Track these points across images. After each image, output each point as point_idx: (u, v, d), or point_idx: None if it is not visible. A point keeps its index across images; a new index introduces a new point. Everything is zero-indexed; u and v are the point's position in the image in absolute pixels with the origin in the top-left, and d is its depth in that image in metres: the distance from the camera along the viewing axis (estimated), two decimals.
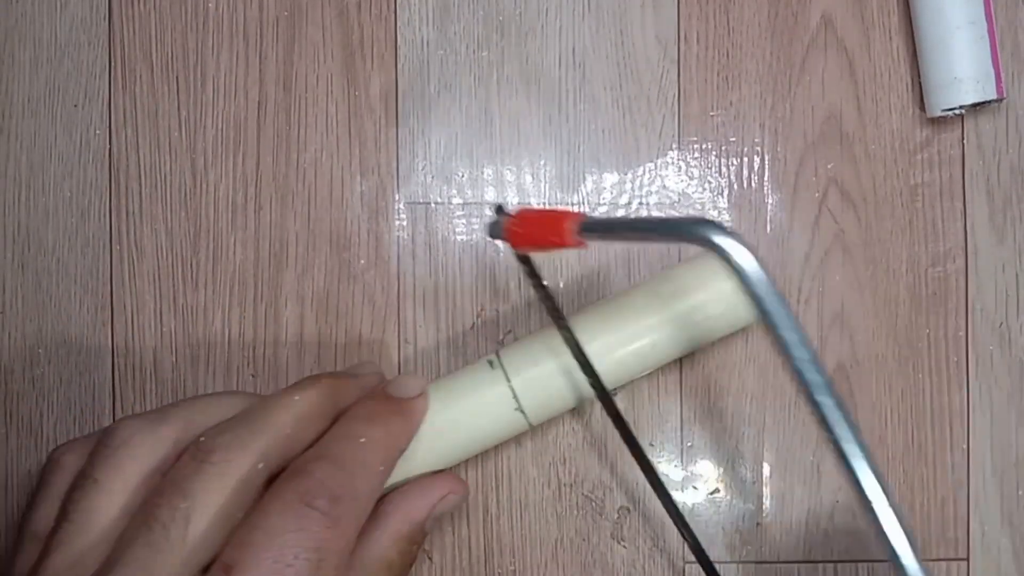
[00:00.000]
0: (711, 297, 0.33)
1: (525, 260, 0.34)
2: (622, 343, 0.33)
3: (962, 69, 0.36)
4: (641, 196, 0.39)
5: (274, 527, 0.26)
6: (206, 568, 0.26)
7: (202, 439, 0.27)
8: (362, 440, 0.29)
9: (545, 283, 0.34)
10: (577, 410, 0.38)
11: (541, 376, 0.33)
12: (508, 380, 0.33)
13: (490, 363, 0.33)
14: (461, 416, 0.32)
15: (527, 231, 0.29)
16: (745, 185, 0.39)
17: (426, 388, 0.32)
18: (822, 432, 0.22)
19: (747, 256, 0.22)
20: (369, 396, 0.31)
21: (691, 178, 0.39)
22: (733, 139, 0.39)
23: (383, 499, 0.31)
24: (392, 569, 0.30)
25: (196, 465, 0.27)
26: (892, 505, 0.22)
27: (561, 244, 0.27)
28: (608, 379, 0.33)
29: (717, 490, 0.38)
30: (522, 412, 0.33)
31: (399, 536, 0.30)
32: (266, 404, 0.29)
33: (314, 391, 0.30)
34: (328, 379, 0.31)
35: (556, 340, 0.33)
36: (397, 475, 0.32)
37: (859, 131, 0.39)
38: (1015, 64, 0.39)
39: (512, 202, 0.38)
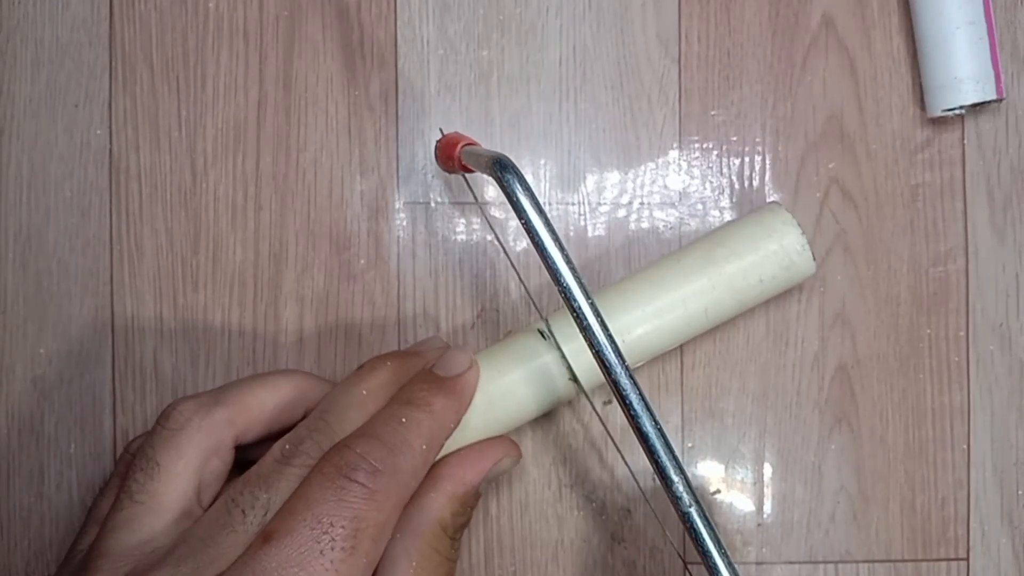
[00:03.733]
0: (763, 259, 0.33)
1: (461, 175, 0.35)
2: (667, 309, 0.33)
3: (962, 69, 0.36)
4: (642, 196, 0.39)
5: (314, 497, 0.27)
6: None
7: (286, 446, 0.29)
8: (403, 420, 0.29)
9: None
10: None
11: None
12: (559, 348, 0.33)
13: (540, 333, 0.33)
14: (514, 385, 0.32)
15: (444, 152, 0.33)
16: (746, 184, 0.39)
17: (475, 362, 0.32)
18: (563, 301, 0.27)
19: (523, 189, 0.27)
20: (416, 376, 0.32)
21: (692, 177, 0.39)
22: (734, 138, 0.39)
23: (438, 463, 0.32)
24: (447, 530, 0.31)
25: (278, 467, 0.28)
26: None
27: (456, 166, 0.32)
28: (650, 348, 0.33)
29: (718, 491, 0.38)
30: (574, 380, 0.33)
31: (453, 498, 0.31)
32: (338, 403, 0.30)
33: (379, 381, 0.31)
34: (393, 362, 0.31)
35: (607, 308, 0.33)
36: (451, 443, 0.32)
37: (860, 131, 0.39)
38: (1015, 64, 0.39)
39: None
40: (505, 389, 0.33)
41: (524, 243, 0.39)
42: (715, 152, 0.39)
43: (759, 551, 0.38)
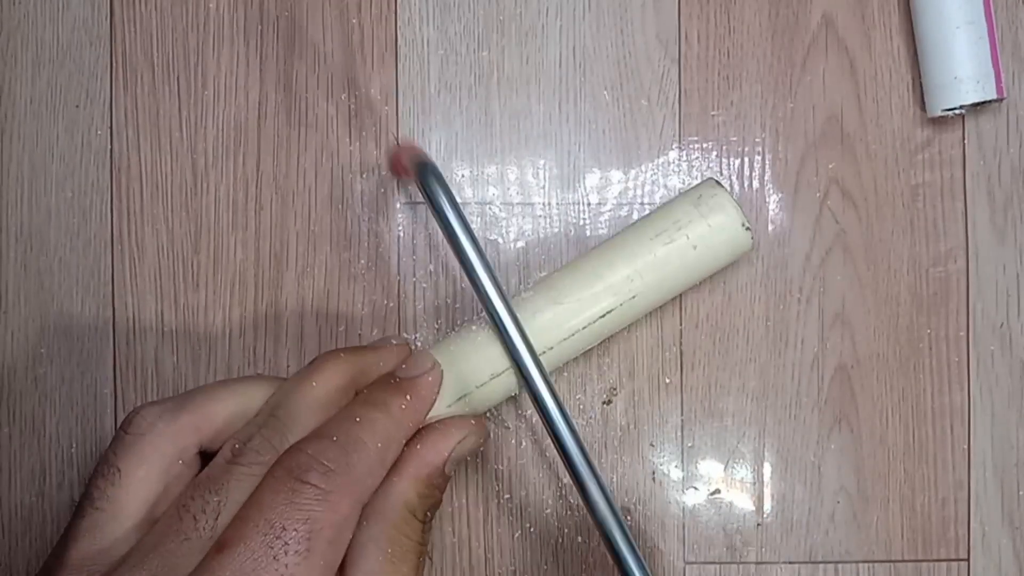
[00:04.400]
0: (703, 232, 0.33)
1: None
2: (598, 299, 0.33)
3: (962, 69, 0.36)
4: (642, 196, 0.39)
5: (266, 502, 0.26)
6: None
7: (235, 444, 0.28)
8: (357, 419, 0.29)
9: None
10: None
11: (527, 316, 0.32)
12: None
13: (480, 314, 0.33)
14: (454, 366, 0.32)
15: (396, 161, 0.35)
16: (746, 185, 0.39)
17: (437, 363, 0.32)
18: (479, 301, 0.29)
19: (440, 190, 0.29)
20: (377, 379, 0.31)
21: (692, 177, 0.39)
22: (734, 139, 0.39)
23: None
24: (415, 513, 0.30)
25: (228, 467, 0.28)
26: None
27: (405, 174, 0.33)
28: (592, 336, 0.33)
29: (718, 490, 0.38)
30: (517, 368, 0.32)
31: (417, 479, 0.30)
32: (287, 400, 0.30)
33: (331, 374, 0.30)
34: (346, 355, 0.31)
35: (544, 281, 0.33)
36: None
37: (860, 131, 0.39)
38: (1015, 64, 0.39)
39: (512, 202, 0.38)
40: (457, 378, 0.32)
41: (523, 243, 0.39)
42: (715, 152, 0.39)
43: (759, 551, 0.38)
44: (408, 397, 0.30)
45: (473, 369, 0.32)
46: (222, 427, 0.30)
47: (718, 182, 0.34)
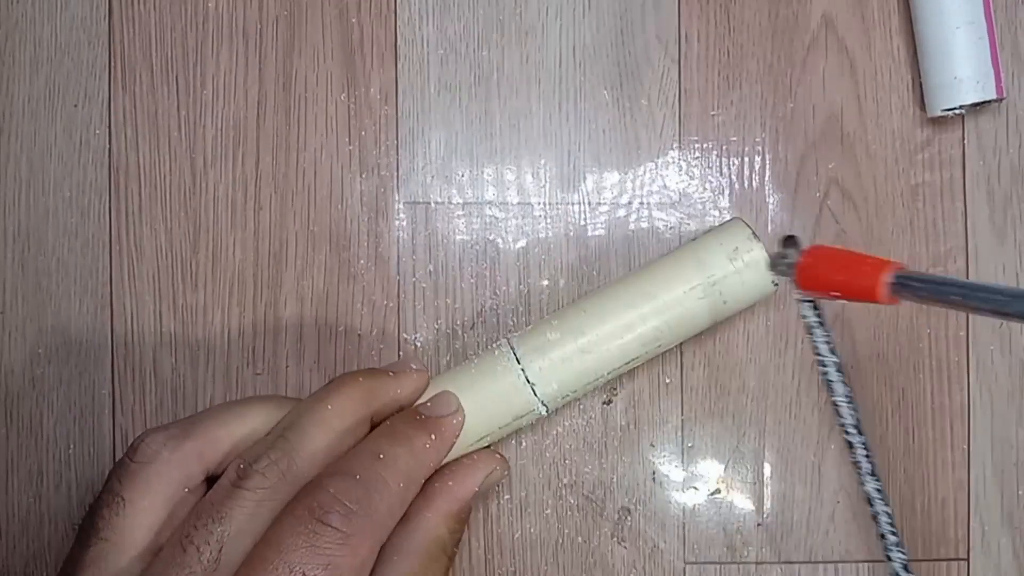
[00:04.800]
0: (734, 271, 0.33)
1: (813, 306, 0.31)
2: (636, 322, 0.33)
3: (962, 69, 0.36)
4: (642, 196, 0.39)
5: (285, 544, 0.26)
6: None
7: (240, 465, 0.27)
8: (381, 456, 0.28)
9: (829, 336, 0.31)
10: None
11: (555, 362, 0.32)
12: (520, 367, 0.32)
13: (501, 348, 0.33)
14: (479, 406, 0.32)
15: (825, 273, 0.26)
16: (746, 184, 0.39)
17: (461, 407, 0.32)
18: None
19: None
20: (401, 413, 0.31)
21: (692, 178, 0.39)
22: (734, 138, 0.39)
23: (430, 479, 0.31)
24: (445, 548, 0.30)
25: (232, 491, 0.27)
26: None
27: (869, 298, 0.24)
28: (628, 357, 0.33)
29: (718, 490, 0.38)
30: (536, 398, 0.33)
31: (448, 514, 0.30)
32: (300, 421, 0.29)
33: (348, 399, 0.29)
34: (365, 378, 0.30)
35: (571, 323, 0.33)
36: None
37: (860, 131, 0.39)
38: (1015, 64, 0.39)
39: (512, 202, 0.38)
40: (471, 409, 0.32)
41: (523, 243, 0.39)
42: (715, 152, 0.39)
43: (759, 551, 0.38)
44: (432, 437, 0.30)
45: (497, 412, 0.32)
46: (229, 452, 0.29)
47: (751, 230, 0.33)
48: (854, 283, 0.25)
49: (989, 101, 0.37)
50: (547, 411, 0.33)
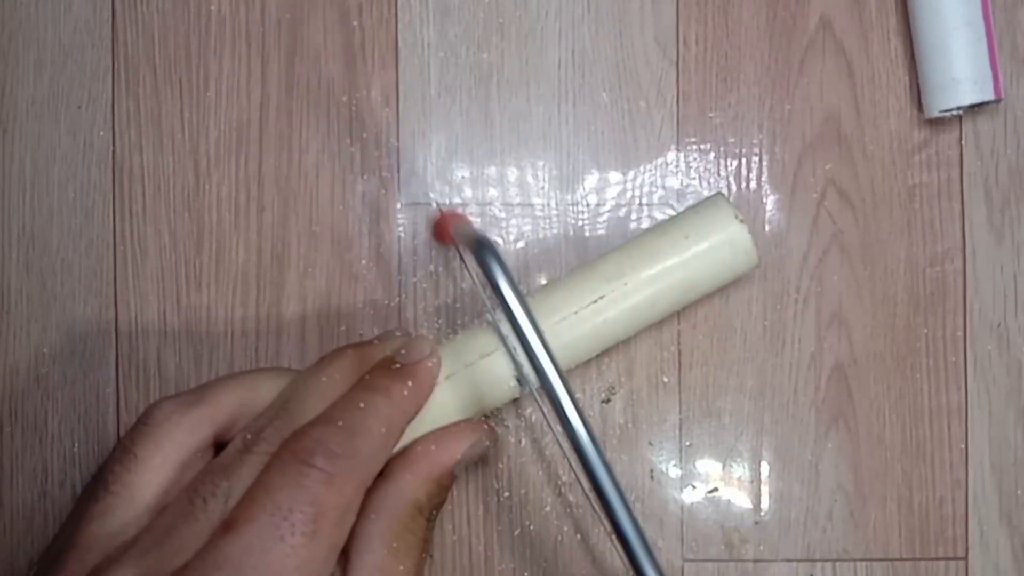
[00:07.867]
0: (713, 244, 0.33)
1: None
2: (613, 303, 0.33)
3: (960, 70, 0.37)
4: (641, 196, 0.39)
5: (273, 484, 0.27)
6: None
7: (247, 436, 0.29)
8: (361, 405, 0.29)
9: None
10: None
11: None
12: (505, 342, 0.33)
13: (489, 323, 0.33)
14: (470, 374, 0.33)
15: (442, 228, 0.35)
16: (744, 186, 0.39)
17: (435, 349, 0.32)
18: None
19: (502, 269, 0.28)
20: (377, 364, 0.32)
21: (690, 179, 0.39)
22: (732, 140, 0.39)
23: (413, 443, 0.32)
24: (422, 511, 0.31)
25: (240, 455, 0.28)
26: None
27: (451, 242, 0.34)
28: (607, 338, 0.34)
29: (716, 489, 0.39)
30: (517, 377, 0.33)
31: (428, 478, 0.31)
32: (299, 391, 0.30)
33: (339, 370, 0.31)
34: (354, 351, 0.32)
35: (551, 285, 0.34)
36: (423, 428, 0.32)
37: (857, 132, 0.39)
38: (1013, 65, 0.39)
39: (512, 203, 0.39)
40: (464, 376, 0.32)
41: (522, 244, 0.39)
42: (713, 153, 0.39)
43: (756, 549, 0.38)
44: (410, 383, 0.31)
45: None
46: (236, 417, 0.31)
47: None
48: (445, 234, 0.35)
49: (987, 102, 0.37)
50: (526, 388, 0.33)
